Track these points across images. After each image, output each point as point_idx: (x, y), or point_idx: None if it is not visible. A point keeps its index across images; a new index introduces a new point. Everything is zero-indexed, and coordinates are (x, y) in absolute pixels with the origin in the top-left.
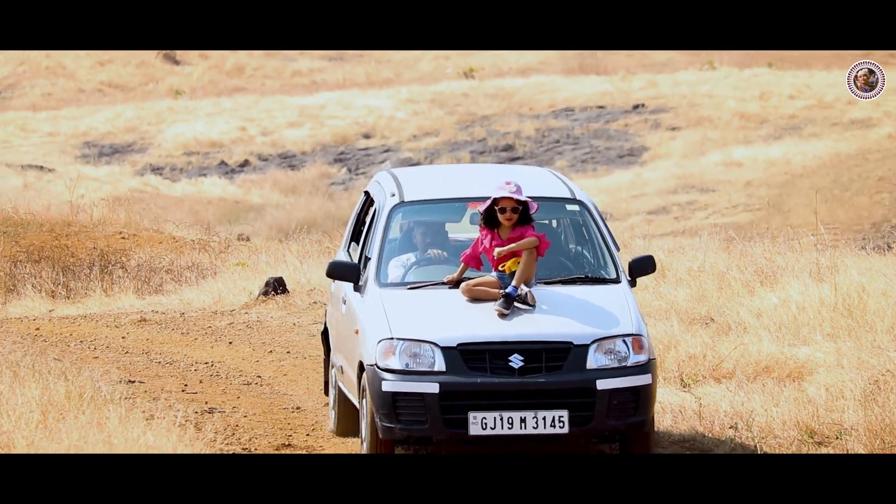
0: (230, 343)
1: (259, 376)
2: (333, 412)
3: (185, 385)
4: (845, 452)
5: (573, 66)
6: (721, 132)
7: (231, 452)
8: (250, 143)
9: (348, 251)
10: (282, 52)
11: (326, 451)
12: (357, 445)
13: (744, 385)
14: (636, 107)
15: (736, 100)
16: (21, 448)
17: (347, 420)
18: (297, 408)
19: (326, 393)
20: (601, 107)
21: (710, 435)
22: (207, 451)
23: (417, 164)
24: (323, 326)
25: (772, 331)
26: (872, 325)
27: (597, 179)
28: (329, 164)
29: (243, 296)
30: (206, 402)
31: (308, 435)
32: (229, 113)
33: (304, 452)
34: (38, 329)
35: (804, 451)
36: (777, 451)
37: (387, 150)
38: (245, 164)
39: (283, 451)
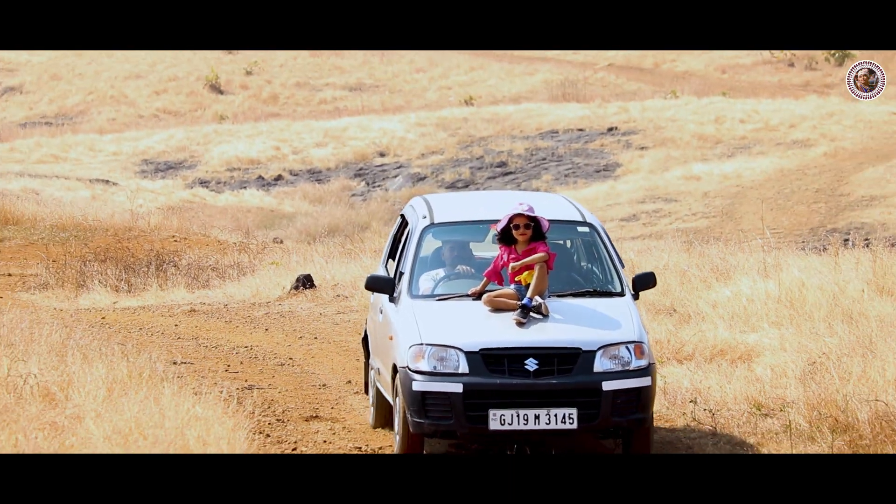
0: (266, 330)
1: (291, 358)
2: (372, 409)
3: (228, 366)
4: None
5: (557, 95)
6: (682, 151)
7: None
8: (283, 161)
9: (386, 267)
10: (310, 83)
11: (348, 423)
12: (370, 427)
13: (702, 366)
14: (610, 129)
15: (695, 123)
16: (91, 418)
17: (384, 415)
18: (324, 385)
19: (366, 392)
20: (581, 129)
21: (673, 407)
22: (245, 423)
23: (424, 178)
24: (363, 333)
25: (725, 319)
26: (810, 315)
27: (577, 191)
28: (350, 178)
29: (277, 290)
30: (246, 380)
31: (332, 408)
32: (265, 135)
33: (329, 422)
34: (103, 318)
35: (752, 421)
36: (730, 421)
37: (399, 167)
38: (279, 178)
39: (311, 422)
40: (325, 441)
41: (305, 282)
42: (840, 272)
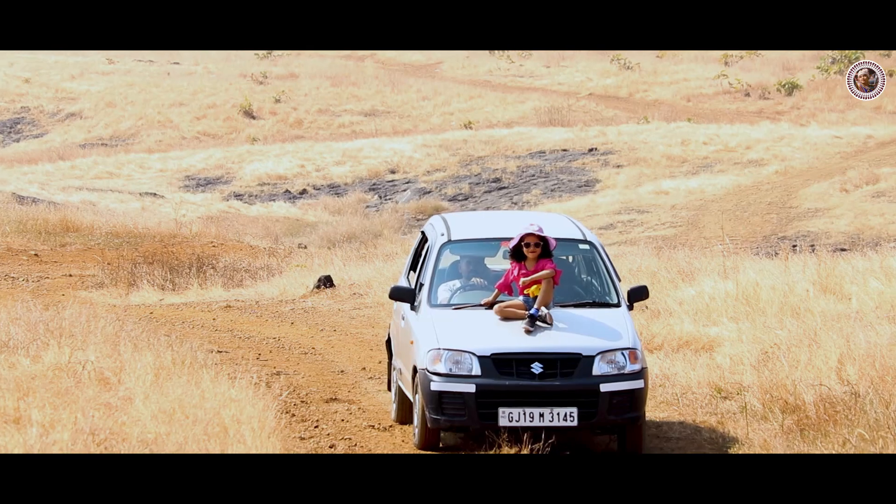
0: (292, 323)
1: (313, 348)
2: (394, 404)
3: (259, 354)
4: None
5: (545, 120)
6: (653, 169)
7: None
8: (307, 177)
9: (407, 278)
10: (330, 110)
11: (363, 405)
12: (382, 409)
13: (670, 355)
14: (590, 150)
15: (664, 145)
16: (140, 400)
17: (404, 411)
18: (342, 371)
19: (389, 389)
20: (565, 150)
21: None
22: (274, 404)
23: (430, 192)
24: (387, 337)
25: (690, 315)
26: (764, 311)
27: (562, 204)
28: (364, 192)
29: (301, 289)
30: (275, 367)
31: (349, 391)
32: (291, 154)
33: (346, 403)
34: (151, 313)
35: (714, 403)
36: (694, 403)
37: (407, 182)
38: (303, 192)
39: (331, 403)
40: (342, 420)
41: (326, 282)
42: (789, 274)
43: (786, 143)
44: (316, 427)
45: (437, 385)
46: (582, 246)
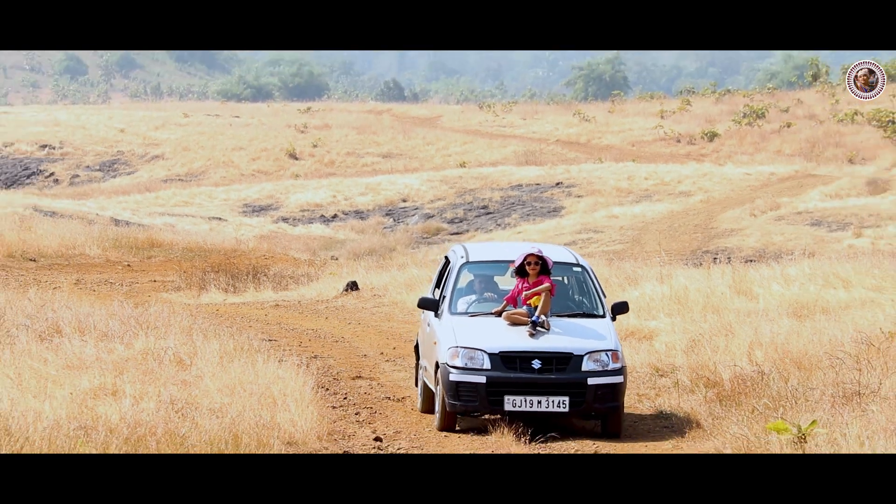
0: (326, 318)
1: (342, 337)
2: (419, 397)
3: (300, 342)
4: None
5: (522, 160)
6: (605, 198)
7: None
8: (338, 205)
9: (433, 293)
10: (356, 152)
11: (381, 381)
12: (407, 390)
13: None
14: (557, 184)
15: (614, 180)
16: (208, 377)
17: (427, 402)
18: (365, 355)
19: (416, 385)
20: (537, 184)
21: None
22: (312, 380)
23: (433, 216)
24: (415, 343)
25: (634, 311)
26: (691, 308)
27: (535, 225)
28: (382, 216)
29: (333, 291)
30: (312, 352)
31: (371, 371)
32: (325, 187)
33: (368, 380)
34: (217, 310)
35: (653, 380)
36: (637, 380)
37: (415, 209)
38: (334, 216)
39: (356, 380)
40: (365, 393)
41: (352, 286)
42: (710, 279)
43: (708, 178)
44: (345, 398)
45: (454, 376)
46: (575, 269)
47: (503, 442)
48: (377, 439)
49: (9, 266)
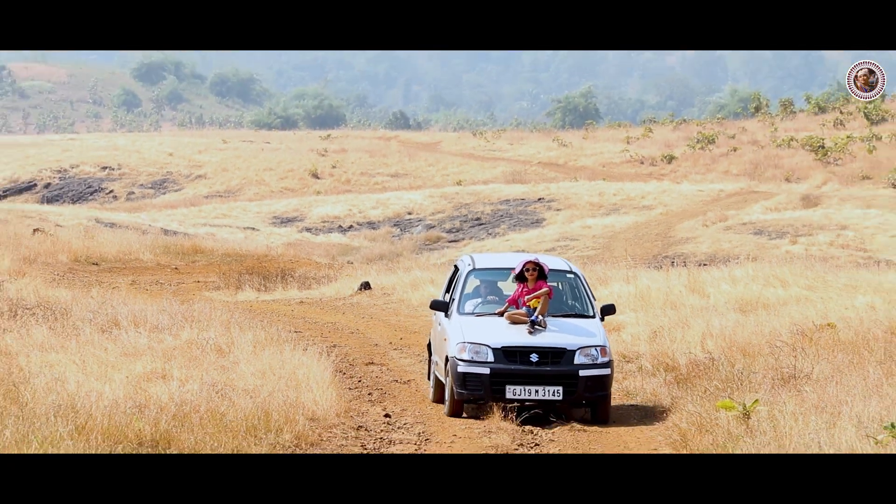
0: (343, 313)
1: (357, 329)
2: (431, 389)
3: (322, 334)
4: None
5: (510, 179)
6: (581, 212)
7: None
8: (353, 217)
9: (444, 296)
10: (369, 172)
11: (390, 367)
12: (405, 370)
13: None
14: (539, 199)
15: (587, 196)
16: (243, 363)
17: (438, 392)
18: (376, 344)
19: (428, 378)
20: (522, 199)
21: None
22: (331, 366)
23: (433, 226)
24: (427, 342)
25: None
26: (653, 305)
27: (521, 234)
28: (391, 227)
29: (349, 290)
30: (332, 342)
31: (381, 358)
32: (343, 202)
33: (379, 366)
34: (251, 306)
35: (620, 365)
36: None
37: (419, 220)
38: (350, 227)
39: (369, 366)
40: (376, 376)
41: (365, 286)
42: (669, 280)
43: (667, 194)
44: (359, 381)
45: (462, 368)
46: (569, 275)
47: (493, 419)
48: (386, 416)
49: (75, 269)
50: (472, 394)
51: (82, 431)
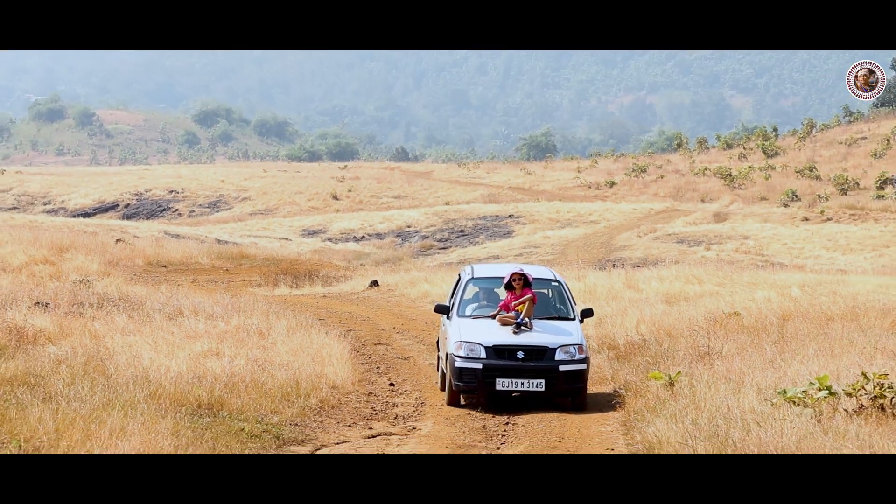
0: (357, 305)
1: (368, 317)
2: (440, 378)
3: (340, 321)
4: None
5: (487, 200)
6: (542, 225)
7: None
8: (365, 230)
9: (449, 301)
10: (376, 194)
11: (394, 347)
12: (407, 348)
13: None
14: (510, 216)
15: (547, 212)
16: (280, 343)
17: (443, 382)
18: (382, 329)
19: (437, 370)
20: (496, 215)
21: None
22: (347, 346)
23: (427, 237)
24: (436, 339)
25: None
26: (598, 298)
27: (496, 243)
28: (394, 237)
29: (362, 287)
30: (348, 327)
31: (387, 339)
32: (357, 218)
33: (385, 346)
34: (285, 300)
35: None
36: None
37: (416, 232)
38: (362, 237)
39: (377, 346)
40: (383, 354)
41: (375, 283)
42: (611, 279)
43: (609, 212)
44: (369, 358)
45: (458, 363)
46: (553, 283)
47: (477, 402)
48: (391, 384)
49: (148, 271)
50: (467, 385)
51: (154, 396)
